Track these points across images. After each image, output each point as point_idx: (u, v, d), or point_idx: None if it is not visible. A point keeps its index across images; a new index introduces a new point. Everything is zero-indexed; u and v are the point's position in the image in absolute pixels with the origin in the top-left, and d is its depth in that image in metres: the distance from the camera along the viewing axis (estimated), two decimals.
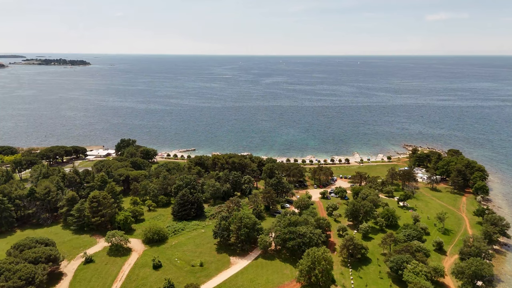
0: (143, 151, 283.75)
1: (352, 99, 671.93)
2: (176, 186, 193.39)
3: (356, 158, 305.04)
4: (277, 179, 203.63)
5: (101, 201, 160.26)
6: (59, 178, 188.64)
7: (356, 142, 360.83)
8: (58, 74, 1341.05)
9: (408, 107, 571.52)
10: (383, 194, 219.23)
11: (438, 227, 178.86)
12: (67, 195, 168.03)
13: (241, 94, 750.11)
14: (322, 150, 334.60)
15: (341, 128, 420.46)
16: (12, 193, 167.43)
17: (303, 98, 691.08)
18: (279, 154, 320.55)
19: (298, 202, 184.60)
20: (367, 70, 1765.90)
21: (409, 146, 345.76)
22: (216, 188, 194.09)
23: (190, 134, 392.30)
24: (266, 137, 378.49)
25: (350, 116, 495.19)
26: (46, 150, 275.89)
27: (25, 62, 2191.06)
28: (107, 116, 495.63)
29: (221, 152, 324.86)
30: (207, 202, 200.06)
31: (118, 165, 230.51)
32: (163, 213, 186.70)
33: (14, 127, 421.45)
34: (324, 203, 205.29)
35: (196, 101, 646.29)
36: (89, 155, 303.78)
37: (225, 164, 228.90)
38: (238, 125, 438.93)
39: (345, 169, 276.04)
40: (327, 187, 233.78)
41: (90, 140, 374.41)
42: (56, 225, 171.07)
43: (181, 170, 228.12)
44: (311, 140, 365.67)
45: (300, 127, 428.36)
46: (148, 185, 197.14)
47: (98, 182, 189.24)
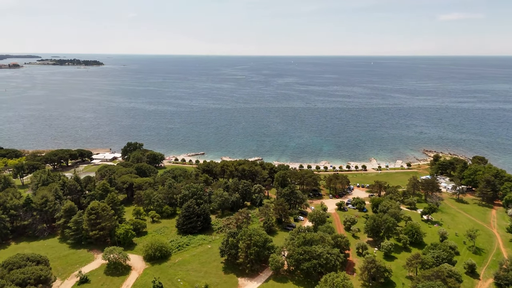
0: (150, 155, 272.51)
1: (366, 101, 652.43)
2: (181, 196, 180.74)
3: (373, 165, 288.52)
4: (290, 188, 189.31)
5: (100, 213, 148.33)
6: (58, 186, 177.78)
7: (373, 147, 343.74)
8: (71, 74, 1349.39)
9: (425, 110, 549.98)
10: (404, 206, 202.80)
11: (468, 246, 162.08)
12: (65, 206, 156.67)
13: (252, 95, 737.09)
14: (337, 155, 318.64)
15: (356, 132, 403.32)
16: (7, 202, 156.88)
17: (316, 99, 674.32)
18: (291, 159, 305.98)
19: (313, 215, 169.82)
20: (380, 70, 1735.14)
21: (429, 152, 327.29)
22: (225, 199, 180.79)
23: (199, 137, 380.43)
24: (278, 141, 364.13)
25: (365, 119, 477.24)
26: (50, 154, 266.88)
27: (40, 62, 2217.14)
28: (116, 118, 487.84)
29: (231, 156, 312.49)
30: (214, 212, 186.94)
31: (122, 171, 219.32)
32: (168, 224, 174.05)
33: (22, 129, 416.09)
34: (341, 215, 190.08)
35: (206, 102, 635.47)
36: (95, 159, 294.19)
37: (235, 172, 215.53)
38: (248, 127, 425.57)
39: (362, 177, 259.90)
40: (343, 197, 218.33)
41: (97, 142, 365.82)
42: (53, 238, 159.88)
43: (188, 177, 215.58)
44: (325, 145, 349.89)
45: (313, 130, 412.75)
46: (152, 194, 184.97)
47: (99, 191, 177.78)
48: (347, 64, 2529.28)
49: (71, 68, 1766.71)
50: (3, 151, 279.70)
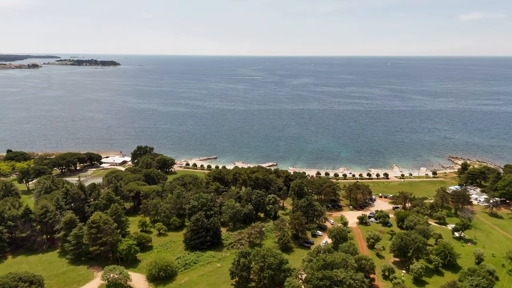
0: (160, 160, 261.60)
1: (385, 103, 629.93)
2: (190, 207, 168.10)
3: (396, 172, 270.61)
4: (307, 200, 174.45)
5: (102, 227, 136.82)
6: (60, 195, 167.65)
7: (394, 152, 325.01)
8: (88, 75, 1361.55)
9: (448, 113, 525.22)
10: (433, 221, 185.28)
11: (508, 269, 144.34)
12: (65, 217, 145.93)
13: (267, 96, 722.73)
14: (356, 161, 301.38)
15: (375, 136, 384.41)
16: (5, 212, 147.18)
17: (332, 101, 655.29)
18: (308, 165, 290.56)
19: (332, 231, 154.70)
20: (398, 71, 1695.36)
21: (455, 158, 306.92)
22: (236, 211, 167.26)
23: (212, 140, 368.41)
24: (293, 145, 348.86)
25: (384, 122, 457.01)
26: (58, 158, 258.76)
27: (58, 63, 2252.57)
28: (128, 119, 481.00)
29: (244, 161, 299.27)
30: (225, 225, 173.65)
31: (129, 177, 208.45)
32: (175, 238, 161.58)
33: (34, 130, 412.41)
34: (363, 230, 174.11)
35: (220, 103, 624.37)
36: (104, 163, 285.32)
37: (248, 180, 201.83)
38: (262, 130, 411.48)
39: (384, 186, 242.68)
40: (365, 209, 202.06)
41: (108, 144, 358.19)
42: (53, 251, 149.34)
43: (198, 185, 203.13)
44: (343, 150, 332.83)
45: (330, 133, 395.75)
46: (160, 204, 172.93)
47: (103, 200, 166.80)
48: (363, 65, 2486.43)
49: (88, 68, 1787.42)
50: (11, 154, 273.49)
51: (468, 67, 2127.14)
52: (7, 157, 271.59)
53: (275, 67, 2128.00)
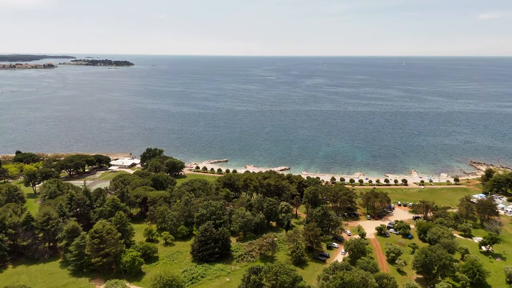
0: (169, 163, 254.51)
1: (400, 104, 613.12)
2: (198, 215, 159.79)
3: (415, 178, 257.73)
4: (322, 209, 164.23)
5: (105, 237, 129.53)
6: (64, 202, 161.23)
7: (412, 157, 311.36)
8: (101, 75, 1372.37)
9: (467, 115, 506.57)
10: (457, 233, 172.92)
11: None
12: (67, 226, 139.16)
13: (279, 97, 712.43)
14: (372, 166, 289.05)
15: (392, 139, 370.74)
16: (6, 219, 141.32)
17: (346, 102, 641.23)
18: (322, 169, 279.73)
19: (350, 244, 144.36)
20: (413, 72, 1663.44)
21: (478, 164, 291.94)
22: (247, 220, 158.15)
23: (223, 142, 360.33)
24: (306, 148, 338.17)
25: (400, 124, 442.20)
26: (66, 160, 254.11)
27: (73, 63, 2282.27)
28: (139, 120, 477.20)
29: (256, 165, 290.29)
30: (235, 234, 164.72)
31: (137, 182, 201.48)
32: (182, 248, 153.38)
33: (46, 130, 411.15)
34: (382, 242, 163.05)
35: (232, 104, 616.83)
36: (113, 165, 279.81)
37: (259, 187, 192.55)
38: (275, 132, 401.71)
39: (403, 193, 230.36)
40: (383, 218, 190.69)
41: (119, 145, 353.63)
42: (55, 261, 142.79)
43: (207, 191, 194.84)
44: (359, 153, 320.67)
45: (345, 136, 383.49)
46: (167, 211, 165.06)
47: (108, 207, 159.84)
48: (377, 65, 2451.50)
49: (102, 68, 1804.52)
50: (20, 156, 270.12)
51: (486, 67, 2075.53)
52: (16, 158, 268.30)
53: (288, 67, 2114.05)
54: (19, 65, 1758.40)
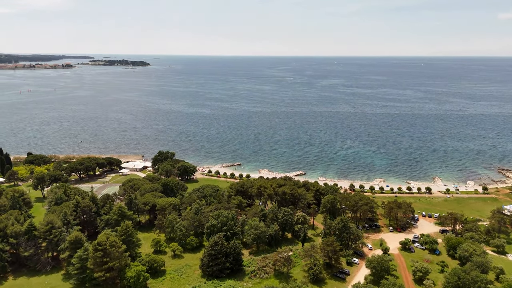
0: (181, 167, 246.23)
1: (420, 106, 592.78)
2: (209, 226, 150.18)
3: (439, 186, 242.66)
4: (342, 222, 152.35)
5: (108, 250, 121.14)
6: (68, 209, 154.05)
7: (435, 163, 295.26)
8: (118, 75, 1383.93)
9: (492, 118, 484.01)
10: (490, 249, 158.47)
11: None
12: (70, 236, 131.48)
13: (294, 98, 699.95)
14: (393, 172, 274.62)
15: (413, 143, 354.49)
16: (7, 228, 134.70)
17: (364, 103, 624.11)
18: (339, 175, 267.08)
19: (372, 261, 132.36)
20: (432, 72, 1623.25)
21: (506, 171, 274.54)
22: (261, 232, 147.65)
23: (236, 145, 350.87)
24: (323, 152, 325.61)
25: (421, 128, 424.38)
26: (76, 163, 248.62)
27: (91, 63, 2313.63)
28: (153, 120, 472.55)
29: (270, 169, 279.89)
30: (247, 246, 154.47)
31: (146, 188, 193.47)
32: (191, 261, 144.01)
33: (59, 131, 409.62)
34: (407, 258, 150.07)
35: (246, 105, 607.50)
36: (124, 168, 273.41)
37: (274, 195, 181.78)
38: (290, 135, 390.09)
39: (427, 202, 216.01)
40: (407, 231, 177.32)
41: (131, 147, 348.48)
42: (57, 273, 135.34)
43: (219, 198, 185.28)
44: (378, 158, 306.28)
45: (363, 140, 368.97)
46: (176, 220, 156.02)
47: (115, 216, 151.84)
48: (395, 65, 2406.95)
49: (119, 68, 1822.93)
50: (31, 157, 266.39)
51: (508, 68, 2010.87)
52: (27, 160, 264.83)
53: (303, 67, 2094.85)
54: (38, 65, 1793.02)
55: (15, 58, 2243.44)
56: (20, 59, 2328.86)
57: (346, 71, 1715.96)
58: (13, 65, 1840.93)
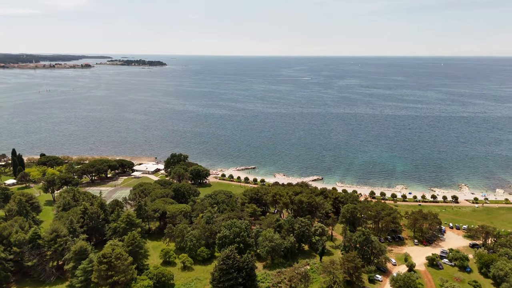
0: (193, 170, 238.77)
1: (442, 108, 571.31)
2: (221, 236, 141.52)
3: (466, 194, 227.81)
4: (363, 234, 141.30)
5: (113, 262, 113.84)
6: (77, 214, 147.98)
7: (461, 168, 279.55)
8: (135, 75, 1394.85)
9: None
10: None
11: None
12: (75, 246, 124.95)
13: (311, 99, 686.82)
14: (415, 178, 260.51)
15: (435, 147, 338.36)
16: (11, 236, 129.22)
17: (382, 104, 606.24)
18: (358, 181, 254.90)
19: (398, 280, 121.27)
20: (453, 72, 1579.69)
21: None
22: (276, 244, 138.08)
23: (251, 147, 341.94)
24: (341, 156, 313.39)
25: (444, 131, 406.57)
26: (87, 165, 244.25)
27: (109, 63, 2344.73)
28: (167, 121, 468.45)
29: (286, 173, 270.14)
30: (261, 258, 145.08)
31: (157, 193, 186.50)
32: (201, 274, 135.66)
33: (74, 131, 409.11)
34: (435, 276, 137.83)
35: (262, 106, 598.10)
36: (136, 170, 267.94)
37: (290, 204, 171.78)
38: (306, 137, 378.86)
39: (454, 212, 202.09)
40: (433, 244, 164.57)
41: (144, 148, 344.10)
42: (62, 284, 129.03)
43: (232, 205, 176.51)
44: (399, 163, 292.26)
45: (382, 143, 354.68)
46: (186, 229, 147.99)
47: (123, 224, 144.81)
48: (414, 65, 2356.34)
49: (136, 68, 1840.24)
50: (44, 159, 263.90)
51: None
52: (39, 161, 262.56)
53: (319, 67, 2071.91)
54: (58, 65, 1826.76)
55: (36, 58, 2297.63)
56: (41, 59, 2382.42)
57: (364, 71, 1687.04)
58: (33, 64, 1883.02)
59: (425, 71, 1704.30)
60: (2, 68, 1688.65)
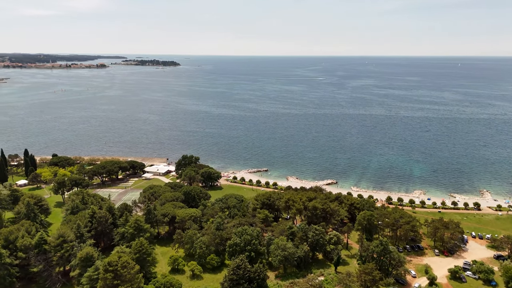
0: (205, 173, 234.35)
1: (460, 109, 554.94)
2: (231, 244, 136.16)
3: (488, 201, 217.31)
4: (381, 244, 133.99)
5: (119, 271, 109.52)
6: (85, 218, 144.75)
7: (482, 173, 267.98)
8: (148, 75, 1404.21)
9: None
10: None
11: None
12: (81, 253, 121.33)
13: (324, 99, 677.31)
14: (434, 183, 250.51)
15: (454, 150, 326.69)
16: (17, 241, 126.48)
17: (398, 106, 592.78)
18: (374, 185, 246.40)
19: None
20: (470, 73, 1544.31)
21: None
22: (288, 253, 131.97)
23: (263, 149, 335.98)
24: (355, 158, 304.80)
25: (463, 133, 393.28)
26: (98, 167, 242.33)
27: (124, 63, 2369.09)
28: (179, 122, 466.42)
29: (299, 176, 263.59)
30: (274, 268, 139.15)
31: (167, 196, 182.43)
32: (211, 283, 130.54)
33: (86, 131, 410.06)
34: None
35: (275, 106, 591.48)
36: (147, 172, 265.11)
37: (303, 210, 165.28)
38: (320, 139, 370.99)
39: (476, 220, 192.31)
40: (455, 255, 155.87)
41: (156, 149, 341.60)
42: None
43: (243, 211, 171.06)
44: (416, 167, 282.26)
45: (399, 146, 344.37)
46: (196, 235, 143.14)
47: (131, 229, 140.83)
48: (430, 65, 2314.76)
49: (150, 68, 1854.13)
50: (55, 159, 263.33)
51: None
52: (51, 162, 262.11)
53: (333, 67, 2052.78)
54: (74, 65, 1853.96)
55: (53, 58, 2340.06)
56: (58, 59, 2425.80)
57: (379, 71, 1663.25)
58: (50, 64, 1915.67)
59: (441, 71, 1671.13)
60: (20, 67, 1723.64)
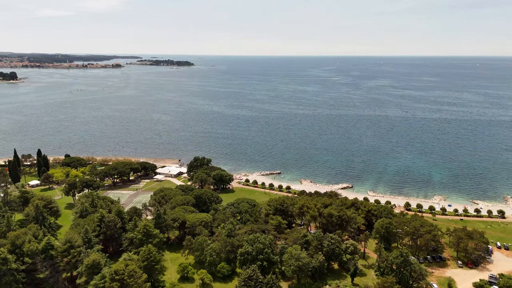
0: (216, 175, 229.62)
1: (480, 111, 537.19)
2: (243, 252, 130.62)
3: None
4: (401, 256, 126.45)
5: (126, 280, 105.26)
6: (93, 222, 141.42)
7: (506, 179, 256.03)
8: (163, 74, 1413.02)
9: None
10: None
11: None
12: (87, 260, 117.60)
13: (339, 100, 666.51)
14: (454, 189, 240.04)
15: (475, 154, 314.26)
16: (24, 245, 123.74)
17: (415, 107, 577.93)
18: (392, 190, 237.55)
19: None
20: (489, 73, 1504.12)
21: None
22: (303, 264, 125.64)
23: (276, 151, 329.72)
24: (372, 161, 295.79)
25: (484, 136, 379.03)
26: (109, 168, 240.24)
27: (139, 63, 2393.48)
28: (192, 122, 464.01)
29: (312, 180, 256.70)
30: (287, 278, 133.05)
31: (178, 200, 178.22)
32: None
33: (100, 131, 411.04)
34: None
35: (288, 107, 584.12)
36: (159, 173, 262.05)
37: (318, 217, 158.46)
38: (334, 141, 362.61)
39: (501, 229, 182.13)
40: (479, 267, 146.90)
41: (168, 150, 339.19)
42: None
43: (255, 216, 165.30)
44: (435, 172, 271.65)
45: (416, 148, 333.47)
46: (206, 242, 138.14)
47: (139, 235, 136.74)
48: (448, 66, 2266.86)
49: (164, 68, 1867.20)
50: (68, 160, 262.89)
51: None
52: (63, 162, 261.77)
53: (348, 67, 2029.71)
54: (90, 65, 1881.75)
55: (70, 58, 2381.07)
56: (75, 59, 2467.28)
57: (395, 71, 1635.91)
58: (67, 64, 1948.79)
59: (460, 71, 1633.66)
60: (38, 67, 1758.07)
